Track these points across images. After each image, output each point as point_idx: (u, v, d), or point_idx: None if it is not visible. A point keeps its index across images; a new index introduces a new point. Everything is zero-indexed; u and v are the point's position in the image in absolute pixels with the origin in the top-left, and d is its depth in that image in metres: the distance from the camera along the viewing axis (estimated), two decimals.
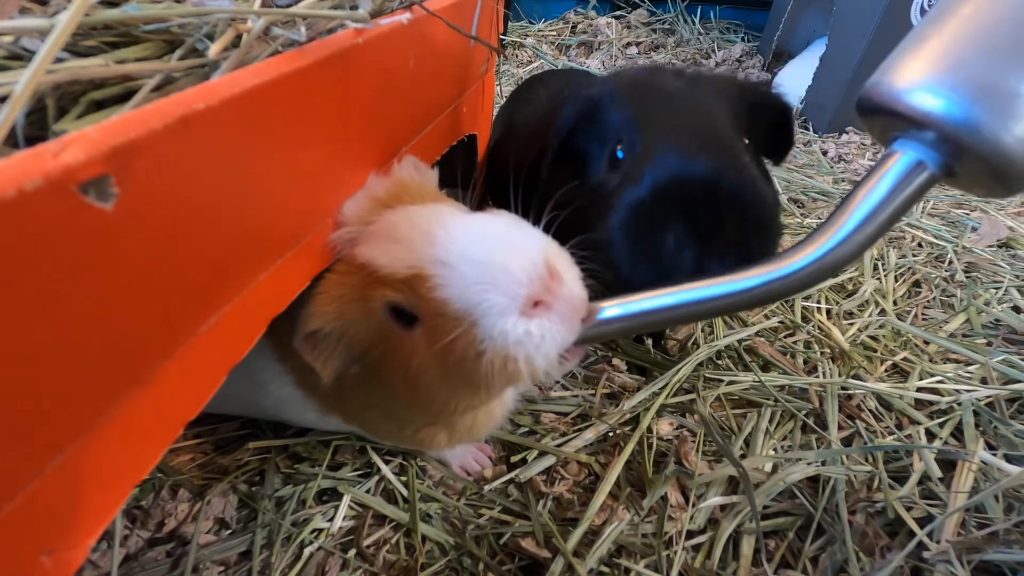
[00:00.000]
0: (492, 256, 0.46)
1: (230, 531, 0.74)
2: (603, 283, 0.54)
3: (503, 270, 0.45)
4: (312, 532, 0.73)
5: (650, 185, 0.63)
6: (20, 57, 0.33)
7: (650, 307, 0.50)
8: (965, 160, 0.41)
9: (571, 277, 0.49)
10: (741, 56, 2.56)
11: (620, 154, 0.69)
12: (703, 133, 0.65)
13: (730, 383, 0.95)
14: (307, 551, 0.71)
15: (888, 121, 0.44)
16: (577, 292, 0.48)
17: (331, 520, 0.74)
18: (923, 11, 1.66)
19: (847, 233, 0.44)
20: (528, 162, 0.80)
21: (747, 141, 0.70)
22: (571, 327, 0.48)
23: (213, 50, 0.39)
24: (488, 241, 0.47)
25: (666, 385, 0.93)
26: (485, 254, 0.46)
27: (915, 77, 0.41)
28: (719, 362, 1.01)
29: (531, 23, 2.81)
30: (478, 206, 1.23)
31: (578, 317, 0.48)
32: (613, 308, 0.51)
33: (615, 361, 1.01)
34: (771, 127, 0.78)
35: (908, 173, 0.43)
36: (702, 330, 1.08)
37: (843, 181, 1.67)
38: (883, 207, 0.43)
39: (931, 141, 0.41)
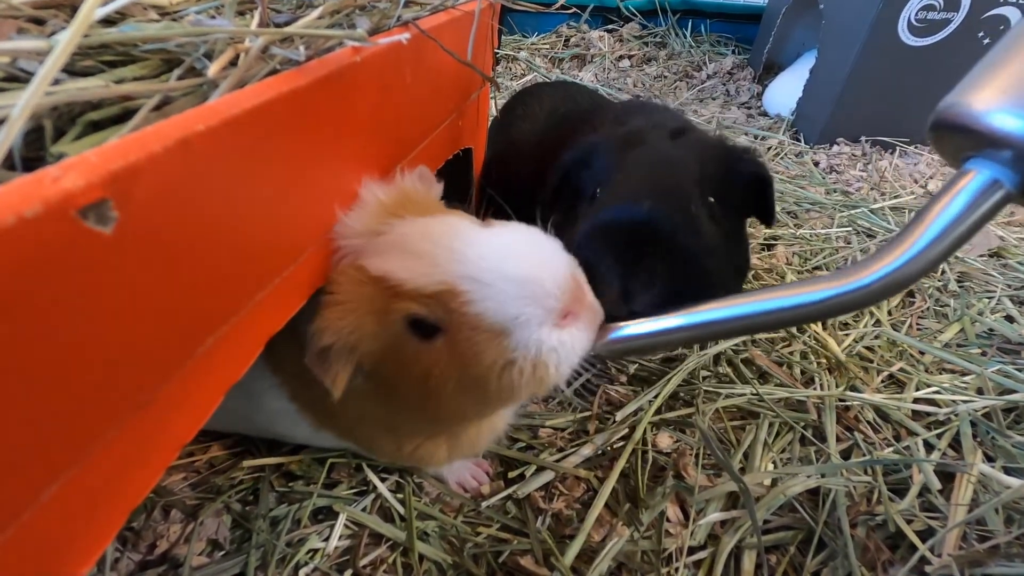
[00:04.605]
0: (526, 272, 0.48)
1: (223, 552, 0.72)
2: None
3: (539, 285, 0.48)
4: (307, 552, 0.71)
5: (592, 221, 0.72)
6: (17, 79, 0.33)
7: (713, 318, 0.53)
8: None
9: (589, 287, 0.54)
10: (732, 68, 2.58)
11: (597, 193, 0.79)
12: (656, 184, 0.73)
13: (728, 395, 0.95)
14: (303, 572, 0.69)
15: (962, 140, 0.45)
16: (597, 302, 0.54)
17: (327, 540, 0.73)
18: (911, 25, 1.69)
19: (920, 248, 0.44)
20: (528, 181, 0.83)
21: (712, 199, 0.76)
22: (592, 334, 0.53)
23: (212, 69, 0.38)
24: (519, 257, 0.50)
25: (659, 394, 0.93)
26: (519, 270, 0.48)
27: (993, 98, 0.42)
28: (719, 369, 1.01)
29: (524, 36, 2.83)
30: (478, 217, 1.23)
31: (597, 325, 0.54)
32: (675, 318, 0.54)
33: (614, 371, 1.00)
34: (750, 191, 0.83)
35: (984, 191, 0.43)
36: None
37: (835, 192, 1.69)
38: (957, 224, 0.43)
39: (1008, 160, 0.42)
